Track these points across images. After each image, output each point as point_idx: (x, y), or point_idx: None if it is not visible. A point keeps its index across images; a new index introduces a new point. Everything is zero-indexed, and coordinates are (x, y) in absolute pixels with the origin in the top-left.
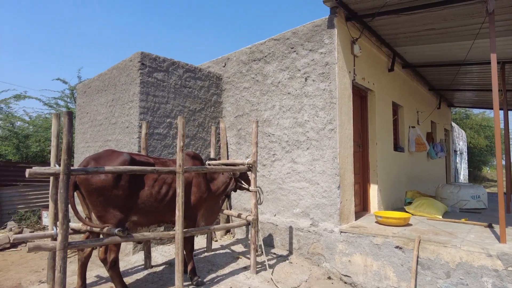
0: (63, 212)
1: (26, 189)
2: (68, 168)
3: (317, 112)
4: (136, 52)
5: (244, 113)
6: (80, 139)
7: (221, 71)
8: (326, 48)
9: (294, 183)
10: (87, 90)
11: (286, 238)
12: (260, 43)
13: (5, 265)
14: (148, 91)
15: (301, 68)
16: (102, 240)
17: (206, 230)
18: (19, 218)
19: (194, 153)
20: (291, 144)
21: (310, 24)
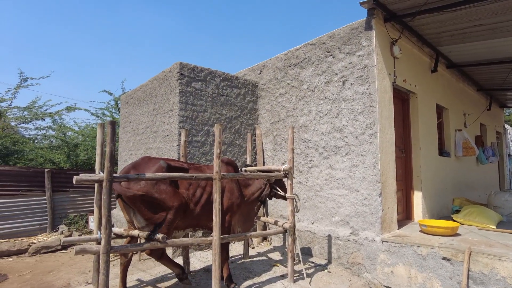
0: (106, 218)
1: (75, 194)
2: (111, 175)
3: (356, 117)
4: (175, 63)
5: (279, 119)
6: (124, 147)
7: (257, 78)
8: (364, 50)
9: (332, 190)
10: (129, 100)
11: (325, 247)
12: (296, 49)
13: (57, 266)
14: (187, 100)
15: (338, 72)
16: (143, 245)
17: (242, 236)
18: (69, 222)
19: (228, 159)
20: (329, 150)
21: (347, 27)
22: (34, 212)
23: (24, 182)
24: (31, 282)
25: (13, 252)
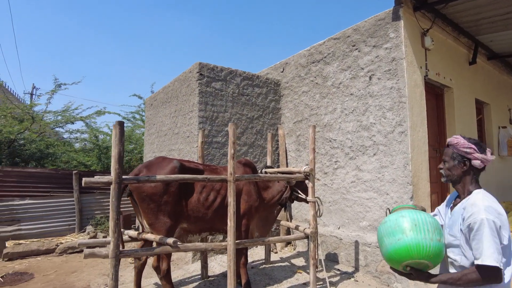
0: (114, 221)
1: (101, 196)
2: (119, 177)
3: (384, 114)
4: (195, 63)
5: (303, 118)
6: (148, 149)
7: (279, 77)
8: (392, 42)
9: (359, 193)
10: (153, 102)
11: (352, 254)
12: (319, 44)
13: (80, 267)
14: (207, 101)
15: (364, 67)
16: (154, 249)
17: (260, 242)
18: (95, 223)
19: (246, 160)
20: (355, 150)
21: (372, 18)
22: (63, 213)
23: (54, 184)
24: (54, 282)
25: (41, 251)
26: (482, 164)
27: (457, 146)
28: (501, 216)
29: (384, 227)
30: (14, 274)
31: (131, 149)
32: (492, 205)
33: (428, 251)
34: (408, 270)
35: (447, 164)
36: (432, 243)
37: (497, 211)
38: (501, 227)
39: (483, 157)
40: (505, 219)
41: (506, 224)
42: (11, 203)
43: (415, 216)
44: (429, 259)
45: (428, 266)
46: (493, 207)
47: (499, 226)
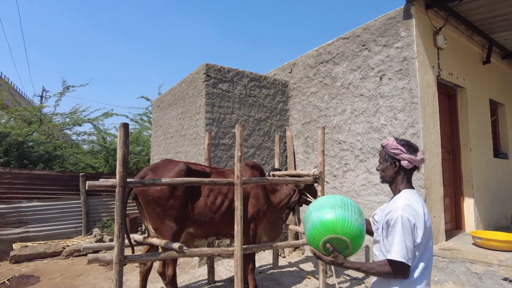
0: (118, 225)
1: (108, 198)
2: (124, 180)
3: (395, 115)
4: (202, 64)
5: (311, 120)
6: (155, 151)
7: (287, 78)
8: (403, 41)
9: (370, 196)
10: (160, 104)
11: (362, 259)
12: (328, 44)
13: (86, 270)
14: (214, 102)
15: (375, 66)
16: (159, 254)
17: (268, 247)
18: (102, 225)
19: (253, 163)
20: (366, 152)
21: (382, 17)
22: (70, 215)
23: (61, 186)
24: (60, 286)
25: (48, 254)
26: (410, 165)
27: (387, 147)
28: (418, 215)
29: (314, 203)
30: (20, 277)
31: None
32: (411, 204)
33: (351, 228)
34: (328, 249)
35: (381, 166)
36: (357, 223)
37: (415, 210)
38: (416, 226)
39: (410, 157)
40: (422, 219)
41: (421, 224)
42: (19, 205)
43: (345, 198)
44: (351, 238)
45: (347, 248)
46: (411, 206)
47: (413, 224)
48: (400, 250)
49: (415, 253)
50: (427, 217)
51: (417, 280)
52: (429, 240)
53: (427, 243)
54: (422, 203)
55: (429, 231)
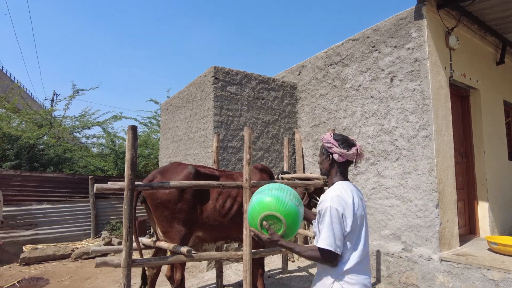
0: (126, 229)
1: (116, 201)
2: (132, 183)
3: (407, 117)
4: (210, 67)
5: (320, 122)
6: (164, 154)
7: (296, 80)
8: (414, 42)
9: (381, 200)
10: (169, 107)
11: (373, 264)
12: (337, 46)
13: (94, 273)
14: (222, 105)
15: (385, 68)
16: (167, 258)
17: (277, 251)
18: (110, 228)
19: (262, 166)
20: (377, 155)
21: (393, 18)
22: (79, 218)
23: (71, 189)
24: None
25: (57, 256)
26: (341, 158)
27: (323, 141)
28: (347, 205)
29: (258, 190)
30: (30, 279)
31: (147, 154)
32: (340, 195)
33: (285, 206)
34: (264, 226)
35: (319, 158)
36: (291, 203)
37: (344, 200)
38: (344, 215)
39: (341, 151)
40: (351, 209)
41: (350, 213)
42: (29, 208)
43: (283, 184)
44: (285, 215)
45: (282, 227)
46: (340, 197)
47: (342, 214)
48: (327, 238)
49: (345, 242)
50: (357, 206)
51: (351, 270)
52: (360, 229)
53: (359, 233)
54: (354, 194)
55: (360, 220)
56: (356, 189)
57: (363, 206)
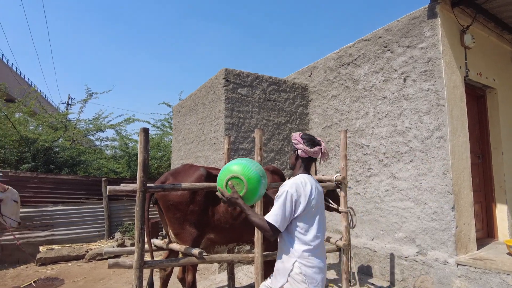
0: (139, 230)
1: (129, 203)
2: (144, 185)
3: (420, 117)
4: (221, 69)
5: (332, 124)
6: (176, 156)
7: (307, 81)
8: (428, 41)
9: (395, 202)
10: (180, 110)
11: (387, 267)
12: (349, 46)
13: (108, 274)
14: (233, 107)
15: (398, 68)
16: (179, 260)
17: None
18: (123, 230)
19: (274, 168)
20: (390, 157)
21: (405, 17)
22: (93, 219)
23: (85, 191)
24: None
25: (72, 257)
26: (304, 154)
27: (291, 138)
28: (303, 193)
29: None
30: (46, 279)
31: (160, 156)
32: (298, 183)
33: (248, 171)
34: (229, 186)
35: (289, 154)
36: (255, 171)
37: (300, 187)
38: (297, 200)
39: (304, 147)
40: (306, 196)
41: (304, 200)
42: (45, 209)
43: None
44: (247, 178)
45: (244, 188)
46: (298, 185)
47: (295, 200)
48: (276, 215)
49: (299, 225)
50: (313, 196)
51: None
52: (315, 216)
53: (313, 219)
54: (312, 185)
55: (316, 208)
56: (316, 182)
57: (321, 198)
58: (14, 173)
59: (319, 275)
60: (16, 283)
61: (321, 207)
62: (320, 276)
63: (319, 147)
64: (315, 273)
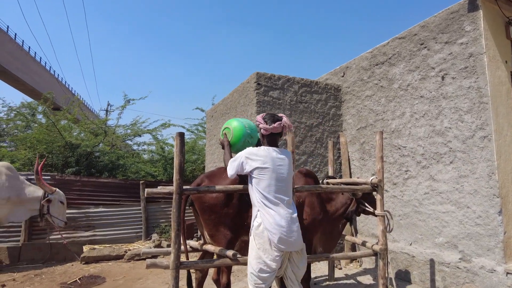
0: (175, 232)
1: (166, 205)
2: (180, 187)
3: (461, 116)
4: (253, 73)
5: (367, 125)
6: (209, 159)
7: (340, 82)
8: (468, 36)
9: (434, 205)
10: (214, 114)
11: (427, 274)
12: (382, 45)
13: (145, 274)
14: (264, 110)
15: (435, 66)
16: (213, 261)
17: (323, 258)
18: (160, 231)
19: (307, 170)
20: (428, 158)
21: (443, 12)
22: (131, 221)
23: (123, 193)
24: None
25: (112, 257)
26: (265, 131)
27: (256, 121)
28: (252, 156)
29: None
30: (89, 277)
31: (194, 159)
32: (252, 151)
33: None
34: (224, 133)
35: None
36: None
37: (252, 153)
38: (248, 161)
39: (264, 126)
40: (255, 159)
41: (253, 161)
42: (88, 211)
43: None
44: (233, 128)
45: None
46: (250, 151)
47: (245, 160)
48: (230, 165)
49: (237, 171)
50: (268, 159)
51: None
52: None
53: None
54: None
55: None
56: (277, 153)
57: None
58: (60, 176)
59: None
60: (63, 279)
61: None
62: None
63: (279, 122)
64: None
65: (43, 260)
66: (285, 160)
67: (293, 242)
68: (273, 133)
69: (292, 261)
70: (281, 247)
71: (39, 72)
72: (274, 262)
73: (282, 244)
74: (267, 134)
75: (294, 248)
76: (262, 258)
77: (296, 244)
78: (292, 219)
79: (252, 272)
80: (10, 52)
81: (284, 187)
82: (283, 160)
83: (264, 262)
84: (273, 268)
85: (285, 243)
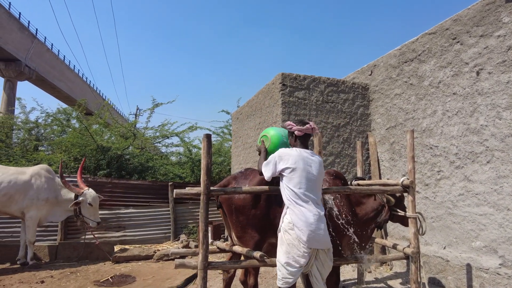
0: (203, 232)
1: (193, 206)
2: (207, 188)
3: (498, 113)
4: (277, 74)
5: (397, 124)
6: (235, 161)
7: (367, 80)
8: (507, 28)
9: (470, 207)
10: (239, 116)
11: (463, 279)
12: (411, 42)
13: (174, 274)
14: (290, 111)
15: (469, 61)
16: (240, 263)
17: (352, 261)
18: (188, 232)
19: (335, 172)
20: (463, 158)
21: (478, 4)
22: (160, 222)
23: (152, 195)
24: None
25: (142, 257)
26: (300, 132)
27: (286, 127)
28: (285, 155)
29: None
30: (120, 276)
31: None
32: (284, 151)
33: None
34: (261, 141)
35: (289, 140)
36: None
37: (285, 153)
38: (280, 160)
39: (298, 127)
40: (287, 158)
41: (285, 160)
42: (118, 211)
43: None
44: (271, 136)
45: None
46: (283, 151)
47: (278, 159)
48: (263, 167)
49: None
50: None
51: (287, 208)
52: (302, 172)
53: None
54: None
55: (300, 170)
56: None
57: (311, 164)
58: (93, 178)
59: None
60: (96, 278)
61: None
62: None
63: (309, 125)
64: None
65: (78, 258)
66: (316, 161)
67: (320, 240)
68: (306, 133)
69: (319, 259)
70: (309, 244)
71: (73, 79)
72: (302, 258)
73: (310, 240)
74: (301, 135)
75: (321, 245)
76: (291, 254)
77: (323, 242)
78: (320, 217)
79: (282, 266)
80: (48, 61)
81: (313, 186)
82: (313, 161)
83: (292, 257)
84: (301, 263)
85: (312, 240)
